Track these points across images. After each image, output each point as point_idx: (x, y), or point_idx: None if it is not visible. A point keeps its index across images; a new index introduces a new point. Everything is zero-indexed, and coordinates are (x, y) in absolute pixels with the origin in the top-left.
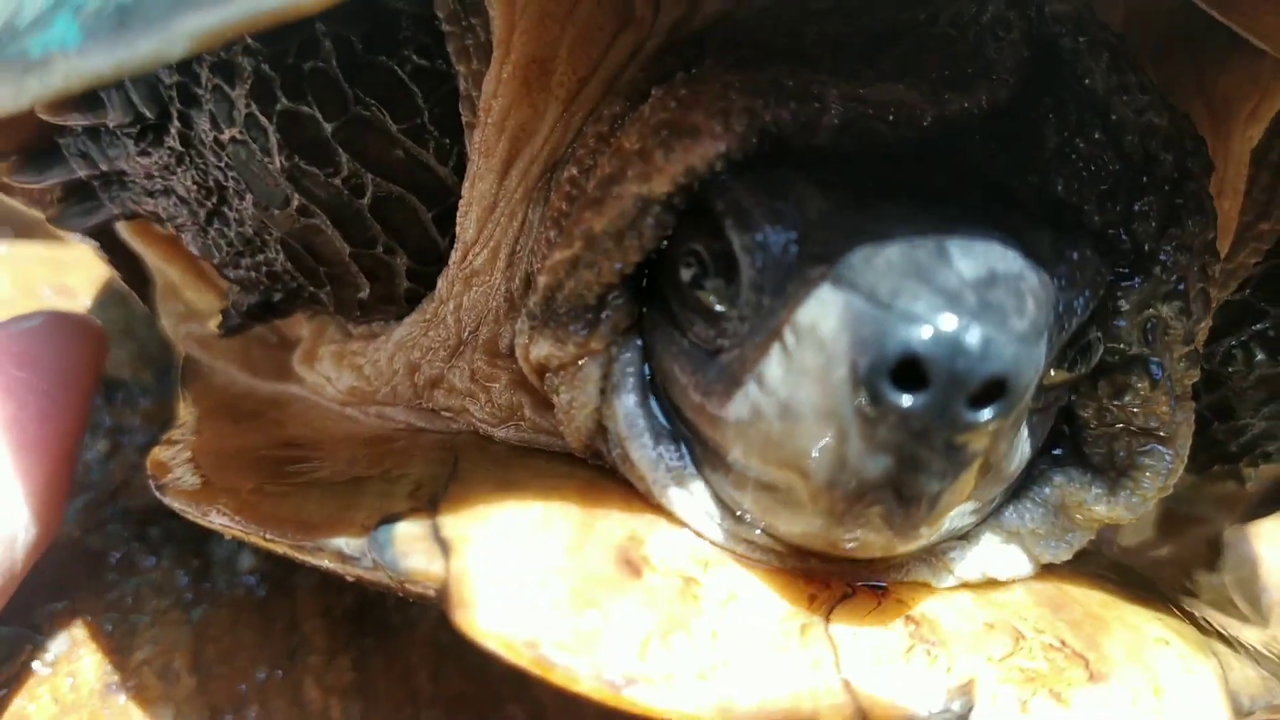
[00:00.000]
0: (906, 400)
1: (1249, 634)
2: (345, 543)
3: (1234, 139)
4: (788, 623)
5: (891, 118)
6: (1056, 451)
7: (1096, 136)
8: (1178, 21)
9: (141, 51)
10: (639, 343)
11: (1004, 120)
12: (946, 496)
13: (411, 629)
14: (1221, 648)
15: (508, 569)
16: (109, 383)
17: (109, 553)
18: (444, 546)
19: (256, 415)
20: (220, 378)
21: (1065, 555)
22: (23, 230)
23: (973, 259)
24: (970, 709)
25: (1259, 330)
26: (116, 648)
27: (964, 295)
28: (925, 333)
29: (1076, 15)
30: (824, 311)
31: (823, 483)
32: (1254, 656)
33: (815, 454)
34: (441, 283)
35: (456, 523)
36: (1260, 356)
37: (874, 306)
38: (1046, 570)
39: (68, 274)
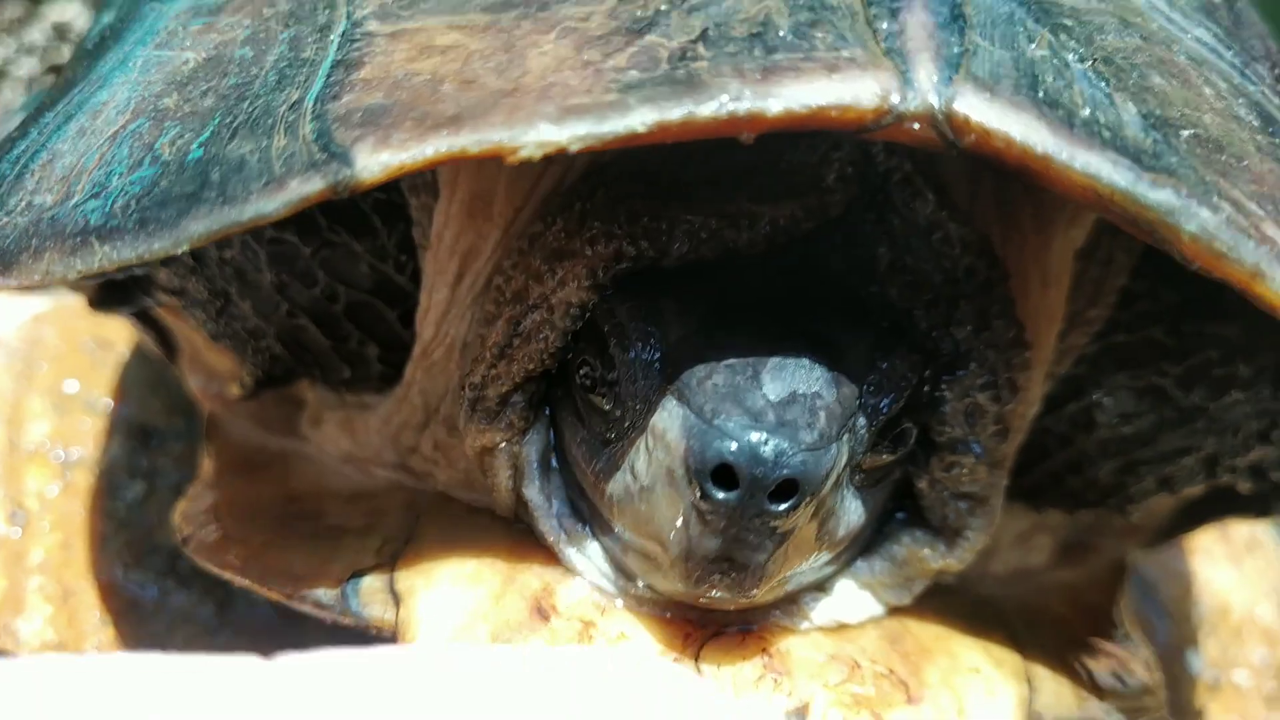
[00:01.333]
0: (724, 496)
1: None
2: (323, 594)
3: (1055, 240)
4: (664, 655)
5: (735, 225)
6: (901, 516)
7: (922, 254)
8: None
9: (156, 248)
10: (545, 434)
11: (847, 240)
12: (770, 566)
13: None
14: (1041, 670)
15: (443, 616)
16: (144, 429)
17: (146, 588)
18: (396, 599)
19: (266, 467)
20: (238, 434)
21: (907, 599)
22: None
23: (779, 382)
24: None
25: (1095, 399)
26: None
27: (766, 414)
28: (733, 446)
29: (906, 158)
30: (670, 422)
31: (676, 555)
32: (1083, 681)
33: (669, 532)
34: (408, 370)
35: (407, 578)
36: (1099, 420)
37: (702, 422)
38: (899, 610)
39: (107, 328)
